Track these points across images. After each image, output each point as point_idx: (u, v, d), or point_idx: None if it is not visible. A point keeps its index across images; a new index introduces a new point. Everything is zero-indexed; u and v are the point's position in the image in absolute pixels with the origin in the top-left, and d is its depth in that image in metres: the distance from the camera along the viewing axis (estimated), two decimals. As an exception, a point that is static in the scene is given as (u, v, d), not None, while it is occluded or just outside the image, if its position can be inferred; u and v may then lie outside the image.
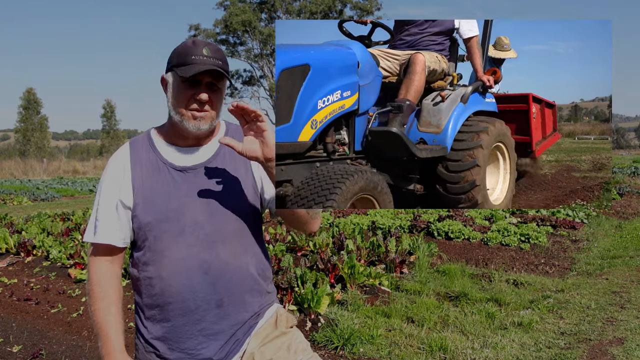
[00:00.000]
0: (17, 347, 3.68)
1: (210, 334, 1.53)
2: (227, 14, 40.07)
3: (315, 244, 5.57)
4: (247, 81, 43.39)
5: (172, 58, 1.53)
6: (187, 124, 1.51)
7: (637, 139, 65.67)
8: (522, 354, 3.31)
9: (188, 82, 1.49)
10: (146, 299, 1.54)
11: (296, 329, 1.68)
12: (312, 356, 1.61)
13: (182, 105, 1.51)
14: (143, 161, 1.56)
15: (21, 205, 14.96)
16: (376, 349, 3.39)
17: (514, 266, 5.61)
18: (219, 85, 1.52)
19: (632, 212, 9.21)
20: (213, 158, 1.58)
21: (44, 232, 7.49)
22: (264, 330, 1.60)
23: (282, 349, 1.57)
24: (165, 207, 1.51)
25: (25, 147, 48.76)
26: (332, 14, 40.89)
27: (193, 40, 1.53)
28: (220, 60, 1.50)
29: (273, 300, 1.68)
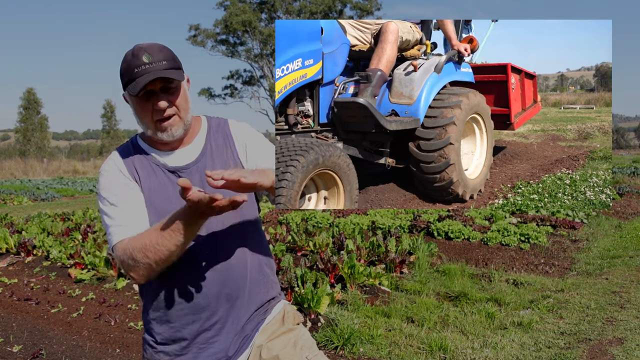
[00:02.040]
0: (17, 347, 3.68)
1: (221, 327, 1.54)
2: (227, 14, 40.07)
3: (315, 244, 5.57)
4: (247, 81, 43.40)
5: (121, 76, 1.48)
6: (160, 135, 1.50)
7: (637, 139, 65.64)
8: (522, 353, 3.31)
9: (143, 96, 1.46)
10: (154, 300, 1.54)
11: (302, 326, 1.69)
12: (317, 354, 1.61)
13: (147, 119, 1.49)
14: (136, 165, 1.55)
15: (21, 205, 14.96)
16: (376, 349, 3.39)
17: (514, 266, 5.62)
18: (174, 85, 1.49)
19: (632, 212, 9.21)
20: (202, 156, 1.58)
21: (44, 232, 7.49)
22: (271, 326, 1.61)
23: (289, 345, 1.58)
24: (168, 208, 1.49)
25: (26, 147, 48.74)
26: (332, 14, 40.89)
27: (132, 50, 1.46)
28: (165, 60, 1.46)
29: (279, 294, 1.70)
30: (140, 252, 1.38)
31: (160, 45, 1.50)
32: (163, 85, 1.47)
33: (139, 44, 1.48)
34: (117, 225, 1.47)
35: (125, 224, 1.46)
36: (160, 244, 1.36)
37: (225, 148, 1.62)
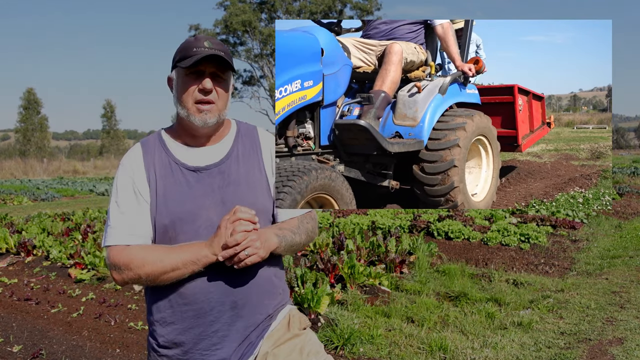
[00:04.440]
0: (17, 347, 3.68)
1: (224, 335, 1.51)
2: (227, 14, 40.10)
3: (315, 244, 5.57)
4: (247, 81, 43.43)
5: (175, 55, 1.51)
6: (193, 118, 1.48)
7: (637, 139, 65.63)
8: (522, 353, 3.31)
9: (192, 74, 1.47)
10: (160, 301, 1.51)
11: (309, 331, 1.65)
12: (325, 359, 1.58)
13: (187, 98, 1.48)
14: (155, 162, 1.53)
15: (21, 205, 14.96)
16: (376, 349, 3.39)
17: (514, 266, 5.62)
18: (224, 76, 1.50)
19: (632, 212, 9.21)
20: (226, 158, 1.55)
21: (44, 232, 7.49)
22: (276, 332, 1.57)
23: (295, 351, 1.55)
24: (180, 209, 1.48)
25: (26, 147, 48.76)
26: (332, 14, 40.90)
27: (195, 36, 1.51)
28: (223, 52, 1.48)
29: (286, 301, 1.66)
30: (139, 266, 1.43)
31: (221, 41, 1.54)
32: (214, 71, 1.48)
33: (199, 35, 1.52)
34: (116, 227, 1.48)
35: (125, 228, 1.48)
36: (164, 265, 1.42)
37: (252, 154, 1.59)
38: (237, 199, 1.50)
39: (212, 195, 1.50)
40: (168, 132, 1.60)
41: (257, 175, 1.56)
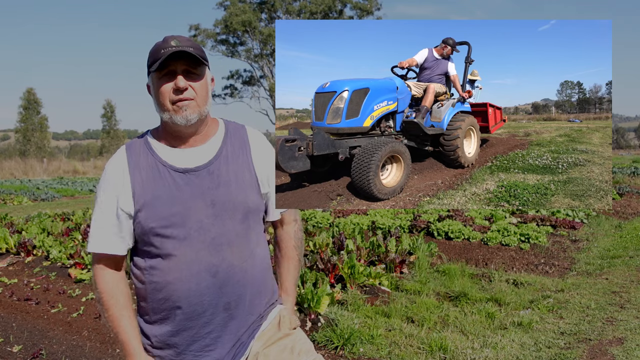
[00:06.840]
0: (17, 347, 3.68)
1: (218, 336, 1.51)
2: (227, 14, 40.10)
3: (315, 244, 5.57)
4: (247, 81, 43.43)
5: (147, 62, 1.50)
6: (175, 118, 1.47)
7: (637, 139, 65.70)
8: (522, 354, 3.31)
9: (165, 76, 1.46)
10: (152, 303, 1.51)
11: (299, 330, 1.66)
12: (315, 358, 1.59)
13: (164, 101, 1.47)
14: (142, 165, 1.51)
15: (21, 205, 14.96)
16: (376, 349, 3.39)
17: (514, 266, 5.62)
18: (197, 71, 1.49)
19: (632, 212, 9.22)
20: (215, 159, 1.54)
21: (44, 232, 7.49)
22: (267, 332, 1.59)
23: (286, 351, 1.56)
24: (169, 212, 1.47)
25: (26, 147, 48.76)
26: (332, 14, 40.88)
27: (163, 38, 1.50)
28: (192, 47, 1.46)
29: (276, 300, 1.67)
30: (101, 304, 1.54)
31: (190, 38, 1.53)
32: (186, 69, 1.47)
33: (168, 36, 1.52)
34: (99, 227, 1.52)
35: (109, 235, 1.51)
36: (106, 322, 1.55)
37: (241, 154, 1.58)
38: (227, 200, 1.50)
39: (201, 197, 1.49)
40: (154, 134, 1.58)
41: (246, 175, 1.56)
